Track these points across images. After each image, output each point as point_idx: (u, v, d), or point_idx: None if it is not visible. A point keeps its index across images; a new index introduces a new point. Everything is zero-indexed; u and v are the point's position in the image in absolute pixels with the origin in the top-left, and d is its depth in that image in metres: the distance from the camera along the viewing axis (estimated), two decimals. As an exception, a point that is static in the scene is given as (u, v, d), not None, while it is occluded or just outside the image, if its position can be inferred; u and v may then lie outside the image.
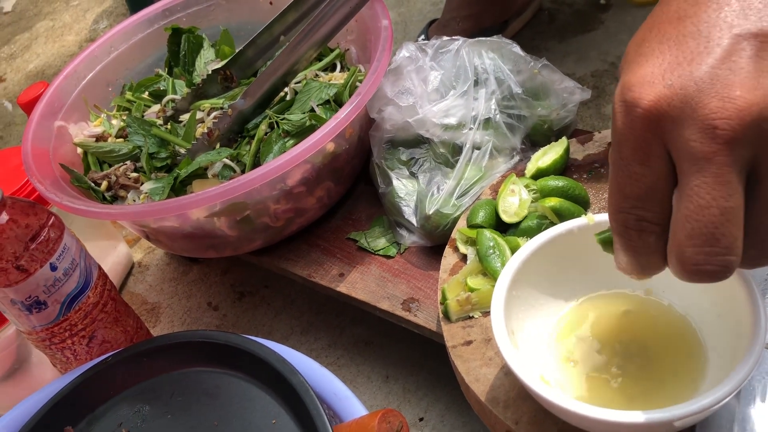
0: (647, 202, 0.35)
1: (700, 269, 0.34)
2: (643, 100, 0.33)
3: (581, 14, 1.12)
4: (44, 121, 0.79)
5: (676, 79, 0.33)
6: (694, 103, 0.32)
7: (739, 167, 0.32)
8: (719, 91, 0.32)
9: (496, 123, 0.67)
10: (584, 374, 0.47)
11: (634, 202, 0.35)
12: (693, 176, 0.33)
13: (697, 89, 0.32)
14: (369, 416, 0.49)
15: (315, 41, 0.74)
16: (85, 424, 0.59)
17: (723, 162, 0.32)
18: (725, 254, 0.33)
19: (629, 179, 0.35)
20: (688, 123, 0.32)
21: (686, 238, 0.33)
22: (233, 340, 0.58)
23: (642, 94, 0.34)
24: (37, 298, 0.60)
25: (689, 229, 0.33)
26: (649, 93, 0.33)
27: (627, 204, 0.35)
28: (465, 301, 0.56)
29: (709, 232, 0.33)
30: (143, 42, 0.90)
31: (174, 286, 0.93)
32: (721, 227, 0.33)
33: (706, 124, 0.32)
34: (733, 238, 0.33)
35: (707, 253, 0.33)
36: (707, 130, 0.32)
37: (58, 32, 1.62)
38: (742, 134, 0.32)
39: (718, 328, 0.46)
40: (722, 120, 0.31)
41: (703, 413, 0.40)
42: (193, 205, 0.63)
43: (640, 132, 0.34)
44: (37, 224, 0.59)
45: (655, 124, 0.33)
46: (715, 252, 0.33)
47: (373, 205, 0.76)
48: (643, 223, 0.35)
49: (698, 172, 0.32)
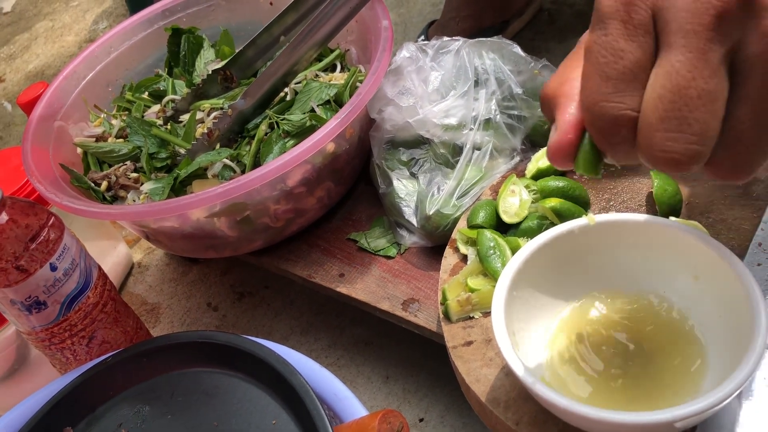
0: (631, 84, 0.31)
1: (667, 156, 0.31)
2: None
3: (582, 15, 1.12)
4: (44, 122, 0.79)
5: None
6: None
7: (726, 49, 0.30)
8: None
9: (497, 123, 0.67)
10: (585, 375, 0.47)
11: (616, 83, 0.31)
12: (676, 50, 0.30)
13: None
14: (369, 417, 0.49)
15: (315, 42, 0.74)
16: (84, 424, 0.59)
17: (711, 37, 0.29)
18: (695, 142, 0.30)
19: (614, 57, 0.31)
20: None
21: (657, 120, 0.30)
22: (233, 340, 0.58)
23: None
24: (37, 298, 0.60)
25: (662, 110, 0.30)
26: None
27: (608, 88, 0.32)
28: (465, 301, 0.56)
29: (683, 115, 0.30)
30: (143, 42, 0.90)
31: (174, 287, 0.93)
32: (696, 111, 0.30)
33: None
34: (705, 126, 0.30)
35: (677, 139, 0.30)
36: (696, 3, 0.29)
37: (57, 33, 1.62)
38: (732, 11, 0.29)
39: (719, 328, 0.46)
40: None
41: (704, 414, 0.40)
42: (193, 206, 0.63)
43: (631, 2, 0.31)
44: (37, 224, 0.59)
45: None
46: (685, 139, 0.30)
47: (374, 205, 0.76)
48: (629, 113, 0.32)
49: (683, 46, 0.30)
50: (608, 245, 0.51)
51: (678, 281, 0.49)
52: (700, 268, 0.48)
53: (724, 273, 0.46)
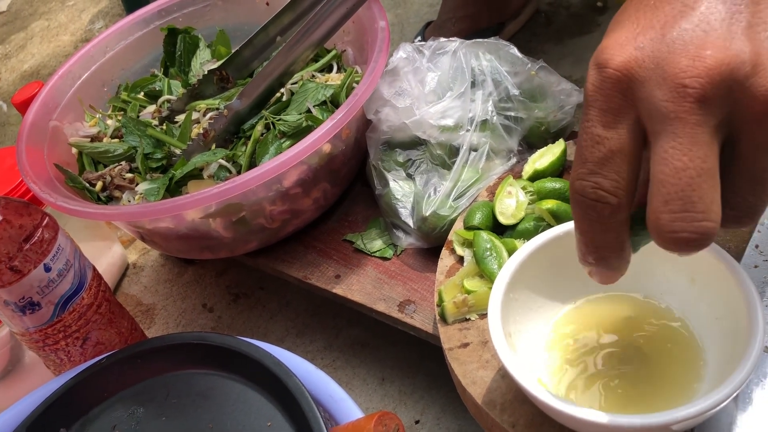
0: (605, 168, 0.33)
1: (677, 237, 0.32)
2: (614, 61, 0.33)
3: (578, 17, 1.12)
4: (39, 121, 0.78)
5: (647, 41, 0.33)
6: (664, 63, 0.32)
7: (713, 127, 0.31)
8: (690, 51, 0.31)
9: (493, 125, 0.67)
10: (582, 377, 0.47)
11: (592, 167, 0.33)
12: (667, 137, 0.32)
13: (668, 50, 0.32)
14: (365, 419, 0.49)
15: (312, 42, 0.74)
16: (78, 426, 0.58)
17: (696, 121, 0.31)
18: (702, 219, 0.31)
19: (591, 142, 0.34)
20: (658, 82, 0.32)
21: (662, 203, 0.32)
22: (228, 341, 0.58)
23: (613, 55, 0.33)
24: (31, 299, 0.59)
25: (664, 193, 0.32)
26: (620, 54, 0.33)
27: (584, 169, 0.34)
28: (462, 303, 0.55)
29: (686, 195, 0.31)
30: (139, 42, 0.89)
31: (169, 288, 0.92)
32: (698, 190, 0.31)
33: (676, 83, 0.31)
34: (710, 202, 0.31)
35: (684, 219, 0.31)
36: (677, 89, 0.31)
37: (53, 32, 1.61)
38: (712, 92, 0.31)
39: (716, 331, 0.46)
40: (691, 78, 0.31)
41: (701, 417, 0.40)
42: (188, 206, 0.63)
43: (609, 92, 0.33)
44: (31, 225, 0.59)
45: (624, 85, 0.33)
46: (692, 217, 0.31)
47: (370, 206, 0.76)
48: (598, 191, 0.33)
49: (672, 133, 0.31)
50: (605, 247, 0.51)
51: (675, 284, 0.49)
52: (697, 270, 0.48)
53: (721, 275, 0.46)
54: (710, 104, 0.31)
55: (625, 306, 0.51)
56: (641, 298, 0.51)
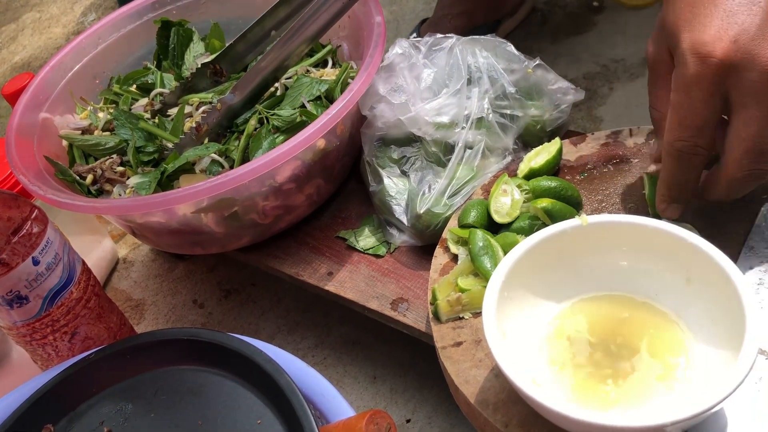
0: (703, 132, 0.47)
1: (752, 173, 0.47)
2: (716, 53, 0.44)
3: (574, 16, 1.12)
4: (29, 113, 0.77)
5: (741, 35, 0.44)
6: (755, 53, 0.44)
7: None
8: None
9: (489, 122, 0.67)
10: (576, 377, 0.47)
11: (693, 131, 0.47)
12: (753, 107, 0.45)
13: (756, 44, 0.44)
14: (357, 417, 0.49)
15: (307, 37, 0.73)
16: (65, 422, 0.57)
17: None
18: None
19: (692, 114, 0.46)
20: (750, 68, 0.44)
21: (743, 153, 0.46)
22: (219, 338, 0.57)
23: (715, 48, 0.44)
24: (19, 292, 0.59)
25: (745, 147, 0.46)
26: (720, 48, 0.44)
27: (687, 133, 0.47)
28: (455, 301, 0.55)
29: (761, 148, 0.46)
30: (132, 34, 0.88)
31: (159, 283, 0.91)
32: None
33: (764, 68, 0.44)
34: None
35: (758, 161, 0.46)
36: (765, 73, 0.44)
37: (45, 24, 1.60)
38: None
39: (711, 331, 0.46)
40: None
41: (696, 418, 0.40)
42: (180, 200, 0.62)
43: (711, 77, 0.45)
44: (20, 217, 0.58)
45: (723, 72, 0.44)
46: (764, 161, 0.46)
47: (363, 203, 0.76)
48: (697, 148, 0.47)
49: (757, 103, 0.44)
50: (601, 246, 0.50)
51: (670, 284, 0.49)
52: (693, 270, 0.48)
53: (717, 276, 0.45)
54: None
55: (620, 306, 0.50)
56: (636, 298, 0.50)
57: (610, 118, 0.94)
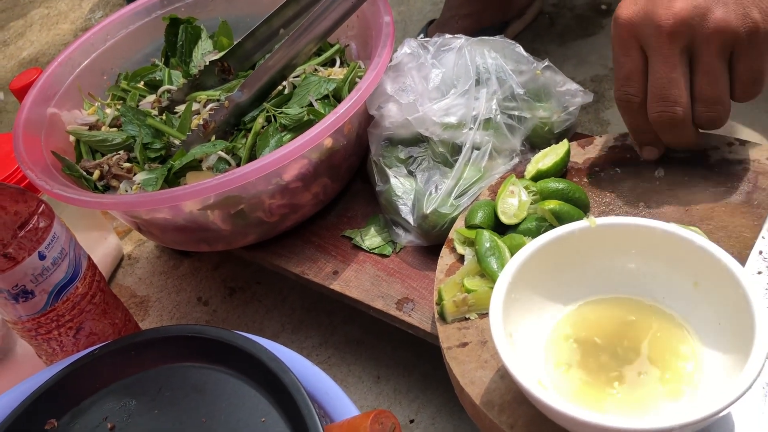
0: (629, 81, 0.55)
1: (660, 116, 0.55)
2: (621, 16, 0.55)
3: (582, 18, 1.12)
4: (37, 108, 0.77)
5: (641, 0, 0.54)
6: (651, 14, 0.53)
7: (680, 50, 0.52)
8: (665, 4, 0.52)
9: (497, 123, 0.67)
10: (582, 379, 0.47)
11: (622, 81, 0.56)
12: (652, 59, 0.54)
13: (653, 5, 0.53)
14: (361, 416, 0.48)
15: (315, 35, 0.73)
16: (69, 417, 0.57)
17: (667, 48, 0.52)
18: (673, 105, 0.54)
19: (618, 67, 0.56)
20: (647, 25, 0.53)
21: (651, 100, 0.55)
22: (224, 335, 0.57)
23: (621, 12, 0.55)
24: (24, 287, 0.59)
25: (652, 94, 0.54)
26: (624, 10, 0.55)
27: (618, 84, 0.56)
28: (461, 302, 0.55)
29: (661, 93, 0.54)
30: (140, 31, 0.88)
31: (164, 280, 0.91)
32: (668, 89, 0.53)
33: (656, 24, 0.52)
34: (677, 96, 0.53)
35: (663, 107, 0.54)
36: (656, 28, 0.52)
37: (53, 20, 1.60)
38: (678, 29, 0.52)
39: (719, 335, 0.46)
40: (664, 21, 0.52)
41: (702, 422, 0.40)
42: (187, 197, 0.62)
43: (621, 34, 0.55)
44: (27, 212, 0.58)
45: (629, 29, 0.54)
46: (665, 105, 0.54)
47: (370, 203, 0.76)
48: (629, 95, 0.56)
49: (654, 56, 0.53)
50: (608, 248, 0.50)
51: (678, 287, 0.49)
52: (701, 274, 0.47)
53: (725, 280, 0.45)
54: (677, 36, 0.52)
55: (627, 308, 0.50)
56: (644, 301, 0.50)
57: (618, 121, 0.94)
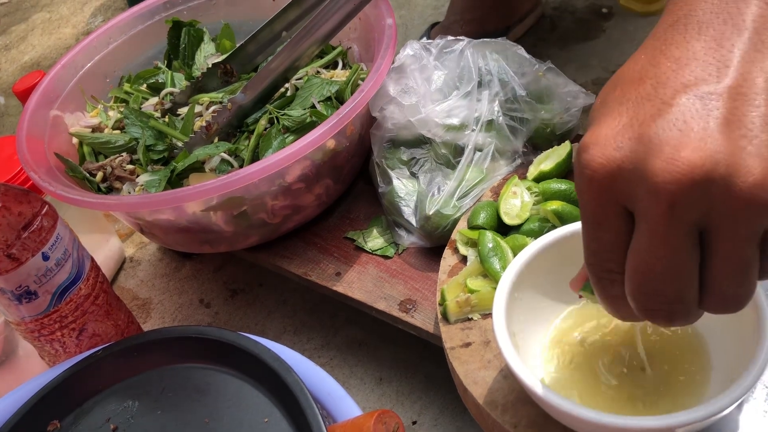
0: (612, 255, 0.35)
1: (650, 314, 0.35)
2: (593, 162, 0.34)
3: (583, 22, 1.12)
4: (40, 110, 0.78)
5: (626, 141, 0.33)
6: (642, 165, 0.32)
7: (687, 226, 0.32)
8: (665, 153, 0.32)
9: (499, 125, 0.67)
10: (585, 378, 0.47)
11: (600, 255, 0.36)
12: (641, 234, 0.33)
13: (645, 150, 0.32)
14: (364, 417, 0.48)
15: (318, 38, 0.74)
16: (72, 418, 0.57)
17: (668, 222, 0.32)
18: (673, 303, 0.34)
19: (592, 238, 0.36)
20: (637, 183, 0.33)
21: (634, 290, 0.35)
22: (227, 336, 0.57)
23: (594, 156, 0.34)
24: (28, 287, 0.59)
25: (636, 283, 0.34)
26: (599, 156, 0.34)
27: (594, 258, 0.36)
28: (464, 302, 0.55)
29: (653, 287, 0.34)
30: (143, 34, 0.89)
31: (166, 282, 0.91)
32: (665, 283, 0.33)
33: (650, 185, 0.32)
34: (677, 290, 0.34)
35: (653, 304, 0.34)
36: (652, 191, 0.32)
37: (54, 24, 1.60)
38: (685, 195, 0.31)
39: (722, 334, 0.46)
40: (665, 183, 0.31)
41: (706, 421, 0.40)
42: (189, 198, 0.62)
43: (595, 193, 0.34)
44: (30, 212, 0.58)
45: (606, 185, 0.34)
46: (659, 303, 0.34)
47: (372, 204, 0.76)
48: (612, 274, 0.36)
49: (646, 231, 0.33)
50: (611, 249, 0.50)
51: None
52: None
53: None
54: (683, 206, 0.32)
55: (630, 309, 0.50)
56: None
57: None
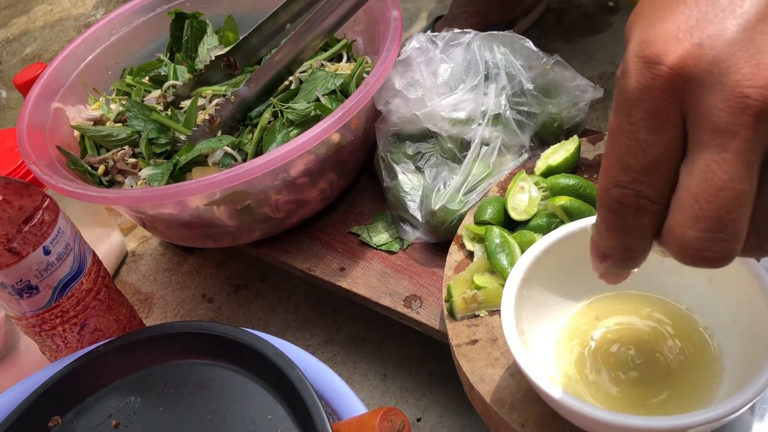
0: (651, 176, 0.30)
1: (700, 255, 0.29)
2: (668, 57, 0.28)
3: (589, 16, 1.11)
4: (41, 102, 0.77)
5: (705, 37, 0.28)
6: (724, 66, 0.27)
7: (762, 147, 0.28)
8: (754, 56, 0.27)
9: (506, 119, 0.66)
10: (594, 376, 0.46)
11: (635, 175, 0.30)
12: (712, 150, 0.28)
13: (729, 51, 0.27)
14: (370, 414, 0.48)
15: (322, 30, 0.73)
16: (73, 414, 0.57)
17: (748, 138, 0.27)
18: (730, 242, 0.28)
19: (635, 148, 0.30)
20: (716, 88, 0.27)
21: (692, 219, 0.29)
22: (230, 331, 0.56)
23: (667, 50, 0.28)
24: (29, 282, 0.58)
25: (697, 210, 0.28)
26: (675, 50, 0.28)
27: (627, 177, 0.30)
28: (471, 299, 0.54)
29: (719, 216, 0.28)
30: (145, 26, 0.88)
31: (168, 277, 0.91)
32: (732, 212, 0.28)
33: (736, 92, 0.27)
34: (741, 226, 0.28)
35: (712, 239, 0.28)
36: (737, 99, 0.27)
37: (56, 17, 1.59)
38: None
39: (734, 333, 0.45)
40: (755, 89, 0.27)
41: (718, 422, 0.39)
42: (192, 192, 0.61)
43: (659, 93, 0.29)
44: (31, 206, 0.57)
45: (677, 86, 0.28)
46: (720, 238, 0.28)
47: (377, 199, 0.75)
48: (641, 200, 0.30)
49: (719, 147, 0.28)
50: (621, 245, 0.49)
51: (691, 284, 0.48)
52: (715, 271, 0.47)
53: (741, 277, 0.44)
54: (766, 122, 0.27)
55: (638, 305, 0.49)
56: (656, 297, 0.49)
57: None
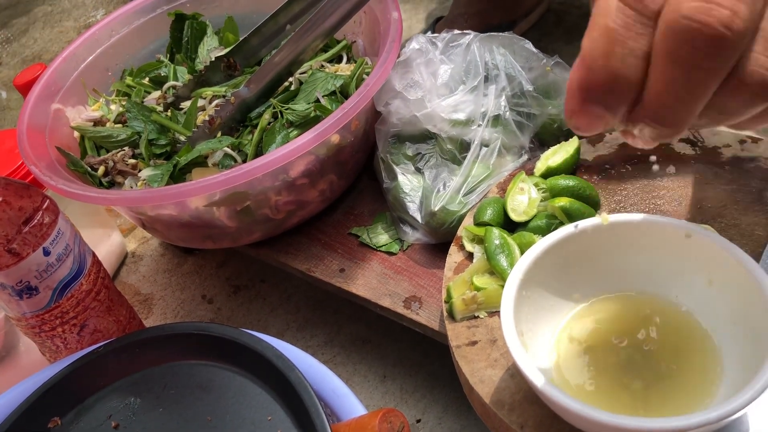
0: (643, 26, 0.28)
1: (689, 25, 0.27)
2: None
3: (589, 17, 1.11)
4: (41, 103, 0.77)
5: None
6: None
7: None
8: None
9: (506, 120, 0.66)
10: (595, 377, 0.46)
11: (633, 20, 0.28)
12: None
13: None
14: (369, 415, 0.48)
15: (322, 31, 0.73)
16: (73, 415, 0.57)
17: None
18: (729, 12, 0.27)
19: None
20: None
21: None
22: (230, 332, 0.56)
23: None
24: (29, 283, 0.58)
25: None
26: None
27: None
28: (471, 300, 0.54)
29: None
30: (145, 27, 0.88)
31: (168, 278, 0.91)
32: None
33: None
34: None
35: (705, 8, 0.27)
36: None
37: (56, 18, 1.59)
38: None
39: (734, 334, 0.45)
40: None
41: (717, 424, 0.39)
42: (192, 193, 0.61)
43: None
44: (31, 207, 0.57)
45: None
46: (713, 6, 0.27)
47: (377, 200, 0.75)
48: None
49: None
50: (620, 246, 0.49)
51: (691, 285, 0.48)
52: (715, 272, 0.47)
53: (740, 278, 0.44)
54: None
55: (639, 306, 0.49)
56: (656, 298, 0.49)
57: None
